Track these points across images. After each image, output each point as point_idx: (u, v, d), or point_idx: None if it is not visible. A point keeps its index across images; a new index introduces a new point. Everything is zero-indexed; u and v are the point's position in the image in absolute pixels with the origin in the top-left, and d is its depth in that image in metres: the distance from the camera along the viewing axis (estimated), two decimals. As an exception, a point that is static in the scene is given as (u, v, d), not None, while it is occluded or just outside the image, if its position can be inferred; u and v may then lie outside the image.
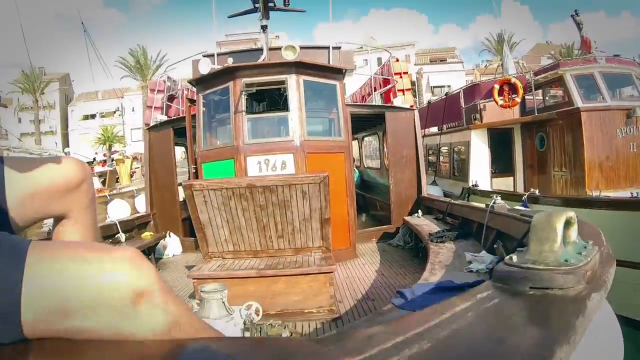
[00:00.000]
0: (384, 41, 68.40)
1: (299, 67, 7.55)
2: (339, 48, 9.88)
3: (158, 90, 11.87)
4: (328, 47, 9.54)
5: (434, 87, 66.12)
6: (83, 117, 73.46)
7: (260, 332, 2.84)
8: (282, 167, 7.38)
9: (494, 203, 5.86)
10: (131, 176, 23.48)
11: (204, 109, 8.24)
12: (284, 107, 7.66)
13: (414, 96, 59.20)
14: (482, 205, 6.58)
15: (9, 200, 1.34)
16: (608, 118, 11.20)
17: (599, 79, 11.60)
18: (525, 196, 9.18)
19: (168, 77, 12.25)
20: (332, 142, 8.07)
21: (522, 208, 8.89)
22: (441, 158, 16.60)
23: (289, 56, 7.65)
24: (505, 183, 13.39)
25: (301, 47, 8.45)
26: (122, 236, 7.91)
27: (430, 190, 10.73)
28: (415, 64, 68.67)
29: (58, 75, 74.54)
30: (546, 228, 1.57)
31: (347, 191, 8.10)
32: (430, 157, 17.94)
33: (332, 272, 5.22)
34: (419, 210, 9.16)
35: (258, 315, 4.12)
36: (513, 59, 20.34)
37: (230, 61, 7.90)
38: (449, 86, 66.62)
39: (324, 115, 9.22)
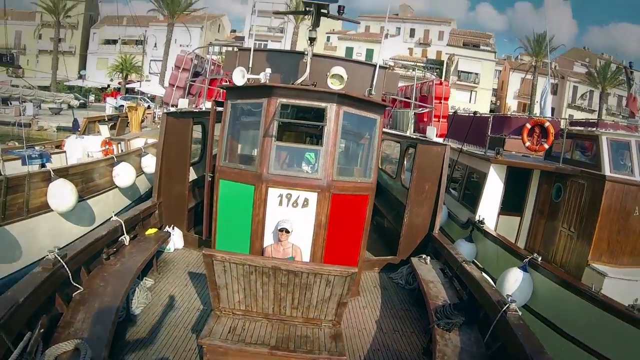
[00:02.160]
0: (420, 8, 66.92)
1: (342, 97, 7.12)
2: (386, 68, 9.29)
3: (183, 69, 11.42)
4: (375, 65, 8.70)
5: (462, 71, 65.15)
6: (104, 41, 72.27)
7: None
8: (304, 205, 7.14)
9: (506, 309, 5.83)
10: (142, 122, 23.10)
11: (231, 116, 7.85)
12: (318, 123, 7.29)
13: (439, 76, 58.59)
14: (493, 293, 6.63)
15: None
16: (631, 194, 11.02)
17: (634, 150, 11.32)
18: (527, 260, 9.14)
19: (196, 55, 11.81)
20: (360, 184, 7.74)
21: (521, 272, 9.01)
22: (454, 175, 16.34)
23: (334, 85, 7.06)
24: (512, 223, 13.26)
25: (344, 59, 8.02)
26: (125, 238, 7.78)
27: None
28: (447, 44, 67.49)
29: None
30: None
31: (362, 233, 7.92)
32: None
33: None
34: (427, 255, 9.19)
35: None
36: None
37: (268, 72, 7.41)
38: (476, 74, 65.99)
39: (355, 140, 8.93)
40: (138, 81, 50.66)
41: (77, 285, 5.94)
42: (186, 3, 54.85)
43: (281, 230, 6.84)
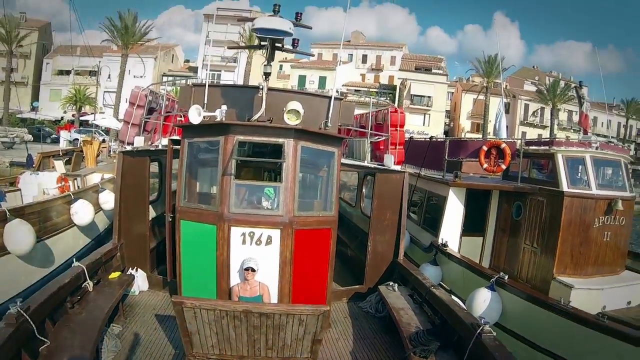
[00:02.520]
0: (371, 34, 68.35)
1: (299, 132, 7.13)
2: (341, 99, 9.26)
3: (138, 105, 11.14)
4: (330, 97, 8.68)
5: (414, 95, 66.24)
6: (57, 71, 70.57)
7: None
8: (268, 242, 7.06)
9: (481, 331, 5.86)
10: (97, 156, 22.58)
11: (188, 154, 7.69)
12: (276, 160, 7.19)
13: (392, 101, 59.54)
14: (465, 316, 6.75)
15: None
16: (590, 206, 11.34)
17: (589, 165, 11.67)
18: (494, 279, 9.25)
19: (150, 91, 11.62)
20: (322, 218, 7.74)
21: (489, 291, 9.09)
22: (414, 199, 16.38)
23: (291, 120, 7.11)
24: (474, 243, 13.38)
25: (299, 92, 7.99)
26: (89, 284, 7.51)
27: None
28: (399, 69, 68.68)
29: (38, 24, 71.71)
30: None
31: (328, 266, 7.84)
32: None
33: None
34: (395, 282, 9.19)
35: None
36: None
37: (224, 109, 7.41)
38: (429, 97, 67.28)
39: (314, 173, 8.93)
40: (92, 113, 49.58)
41: (43, 339, 5.66)
42: (140, 33, 54.37)
43: (247, 269, 6.75)
